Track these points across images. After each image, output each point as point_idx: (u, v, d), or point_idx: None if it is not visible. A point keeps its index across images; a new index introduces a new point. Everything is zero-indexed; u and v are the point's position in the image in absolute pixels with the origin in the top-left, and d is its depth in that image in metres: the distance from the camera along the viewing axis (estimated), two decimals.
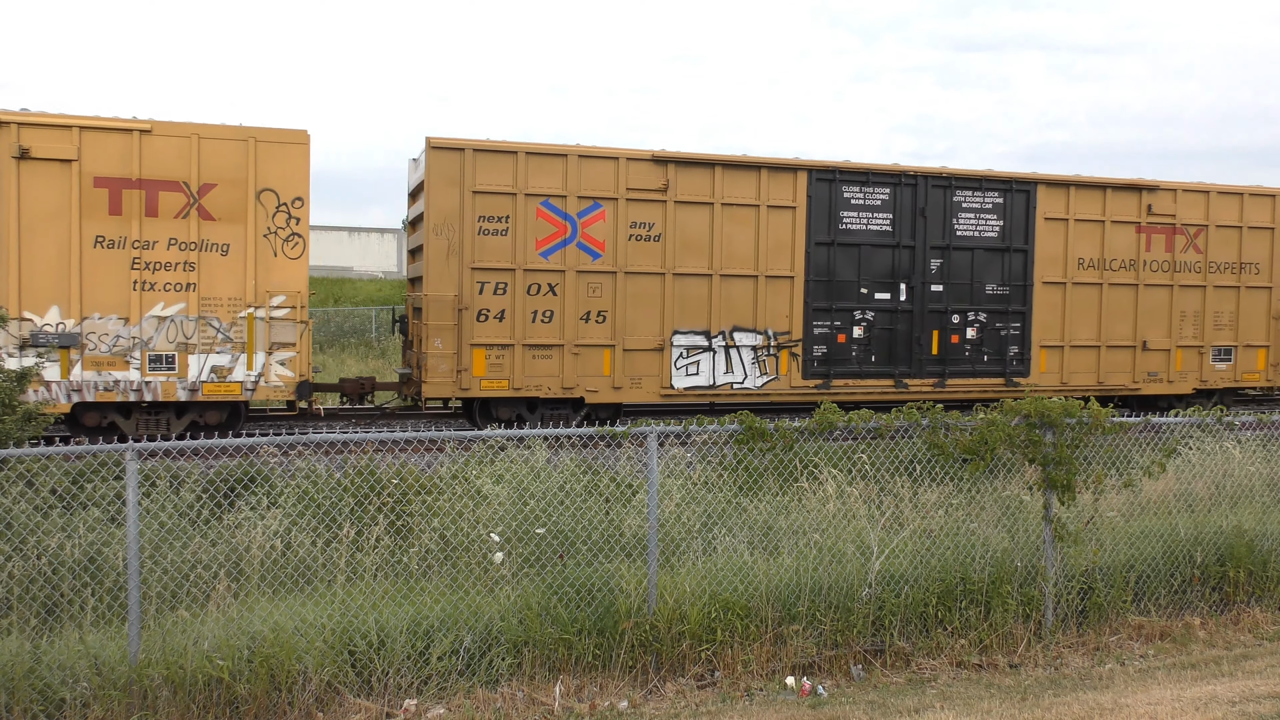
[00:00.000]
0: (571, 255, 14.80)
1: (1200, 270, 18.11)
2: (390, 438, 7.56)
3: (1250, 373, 18.36)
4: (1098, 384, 17.51)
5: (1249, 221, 18.29)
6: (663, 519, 8.20)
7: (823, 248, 16.05)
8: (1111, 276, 17.61)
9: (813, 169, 15.87)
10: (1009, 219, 16.99)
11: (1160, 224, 17.85)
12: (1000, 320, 17.06)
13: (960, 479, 8.69)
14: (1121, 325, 17.71)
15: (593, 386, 14.90)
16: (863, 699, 6.87)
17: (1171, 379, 17.90)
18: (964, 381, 16.79)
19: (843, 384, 16.13)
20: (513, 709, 6.58)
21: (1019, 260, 17.10)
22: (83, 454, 7.82)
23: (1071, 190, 17.28)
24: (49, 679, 6.14)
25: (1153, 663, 7.75)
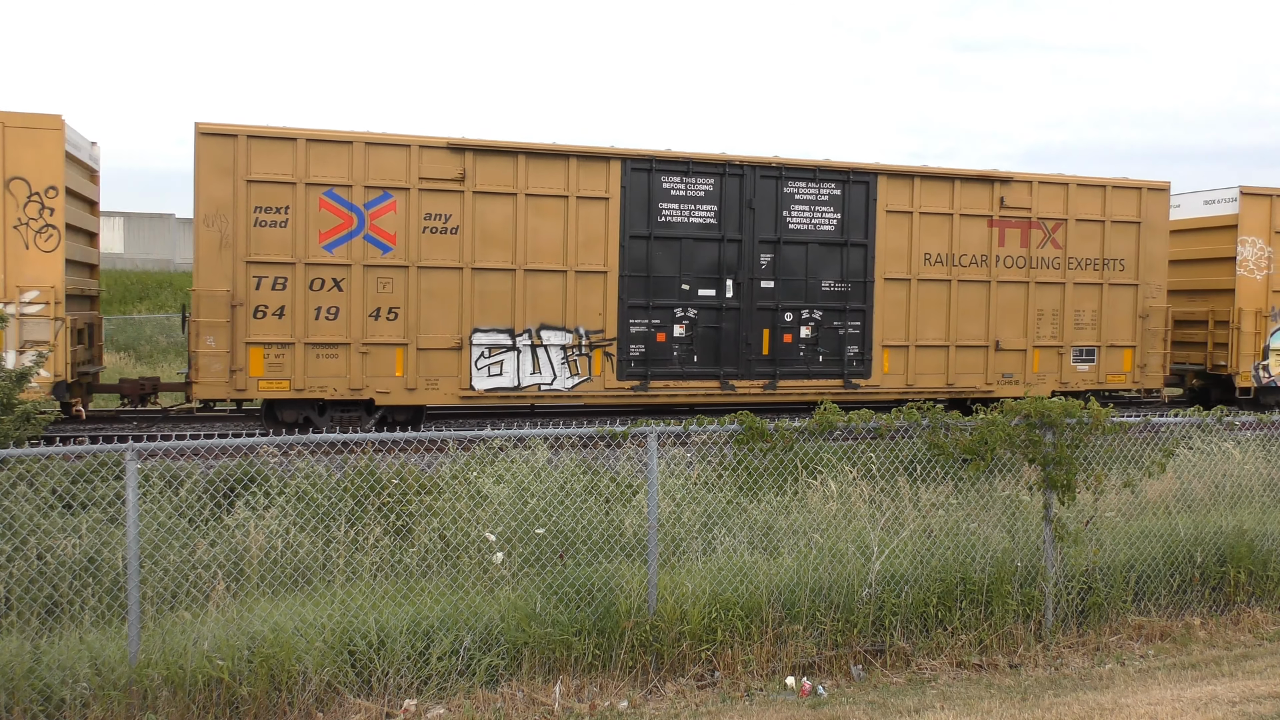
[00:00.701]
0: (359, 249, 13.85)
1: (1059, 267, 17.14)
2: (390, 438, 7.56)
3: (1115, 374, 17.52)
4: (947, 386, 16.57)
5: (1113, 215, 17.40)
6: (663, 519, 8.20)
7: (640, 241, 15.00)
8: (961, 273, 16.61)
9: (627, 158, 14.88)
10: (847, 211, 15.98)
11: (1015, 218, 16.88)
12: (838, 319, 16.06)
13: (960, 479, 8.68)
14: (973, 324, 16.75)
15: (384, 388, 13.97)
16: (863, 699, 6.87)
17: (1028, 381, 17.02)
18: (798, 383, 15.79)
19: (662, 385, 15.09)
20: (513, 709, 6.58)
21: (859, 255, 16.09)
22: (83, 454, 7.82)
23: (916, 182, 16.28)
24: (49, 679, 6.14)
25: (1153, 663, 7.75)
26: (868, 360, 16.18)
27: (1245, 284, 18.37)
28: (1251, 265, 18.34)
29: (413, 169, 14.04)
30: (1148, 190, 17.61)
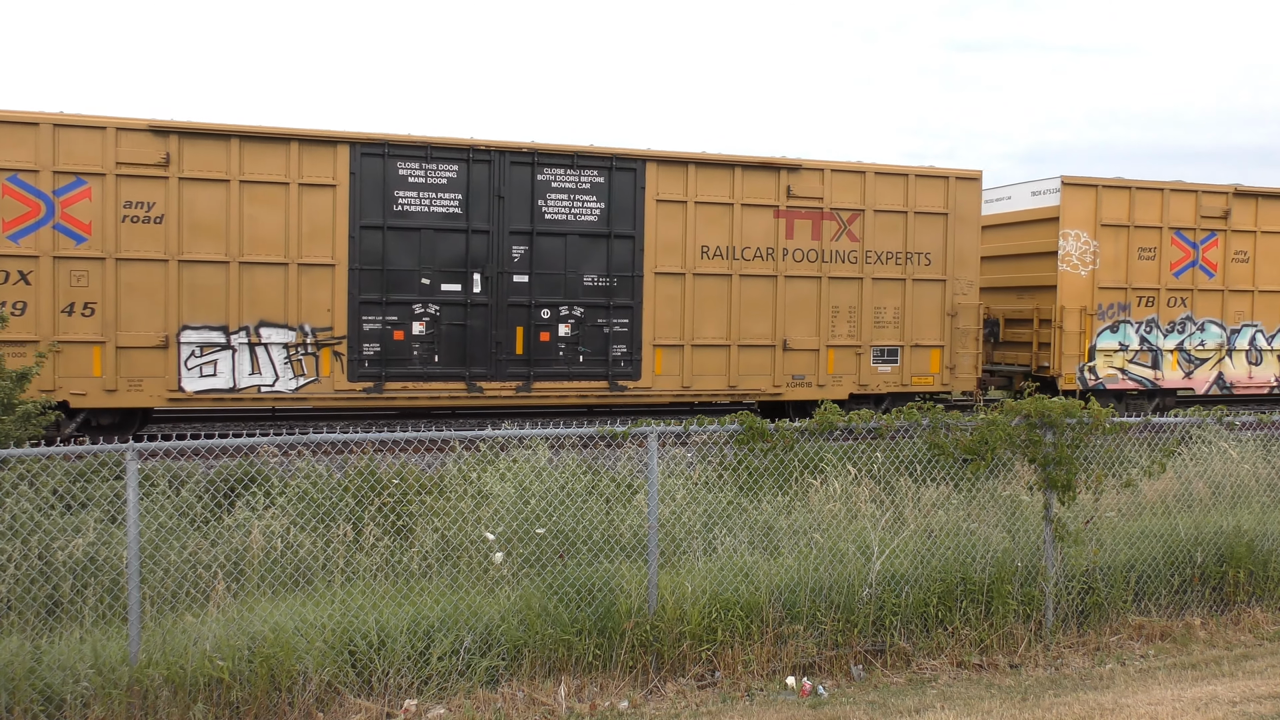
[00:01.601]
0: (47, 239, 12.78)
1: (857, 260, 15.94)
2: (391, 438, 7.56)
3: (921, 376, 16.40)
4: (729, 389, 15.43)
5: (918, 206, 16.23)
6: (663, 519, 8.20)
7: (374, 232, 13.95)
8: (745, 267, 15.41)
9: (356, 141, 13.83)
10: (612, 201, 14.78)
11: (805, 208, 15.65)
12: (603, 316, 14.83)
13: (960, 479, 8.69)
14: (759, 323, 15.53)
15: (79, 389, 12.86)
16: (863, 699, 6.87)
17: (822, 383, 15.80)
18: (556, 385, 14.68)
19: (399, 387, 14.03)
20: (513, 709, 6.58)
21: (625, 248, 14.88)
22: (83, 454, 7.82)
23: (691, 169, 15.07)
24: (50, 679, 6.14)
25: (1153, 663, 7.75)
26: (637, 361, 15.01)
27: (1068, 280, 17.30)
28: (1075, 260, 17.29)
29: (109, 153, 12.99)
30: (956, 179, 16.50)
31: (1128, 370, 17.53)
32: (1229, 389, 18.08)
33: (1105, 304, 17.49)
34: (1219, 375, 18.03)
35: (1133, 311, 17.56)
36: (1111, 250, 17.41)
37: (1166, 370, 17.77)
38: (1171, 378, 17.85)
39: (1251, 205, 18.12)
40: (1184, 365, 17.88)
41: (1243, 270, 18.15)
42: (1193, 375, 17.92)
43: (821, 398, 15.35)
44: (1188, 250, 17.80)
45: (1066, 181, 17.27)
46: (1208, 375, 18.02)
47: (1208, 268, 17.96)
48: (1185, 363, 17.87)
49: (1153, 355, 17.68)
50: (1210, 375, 18.02)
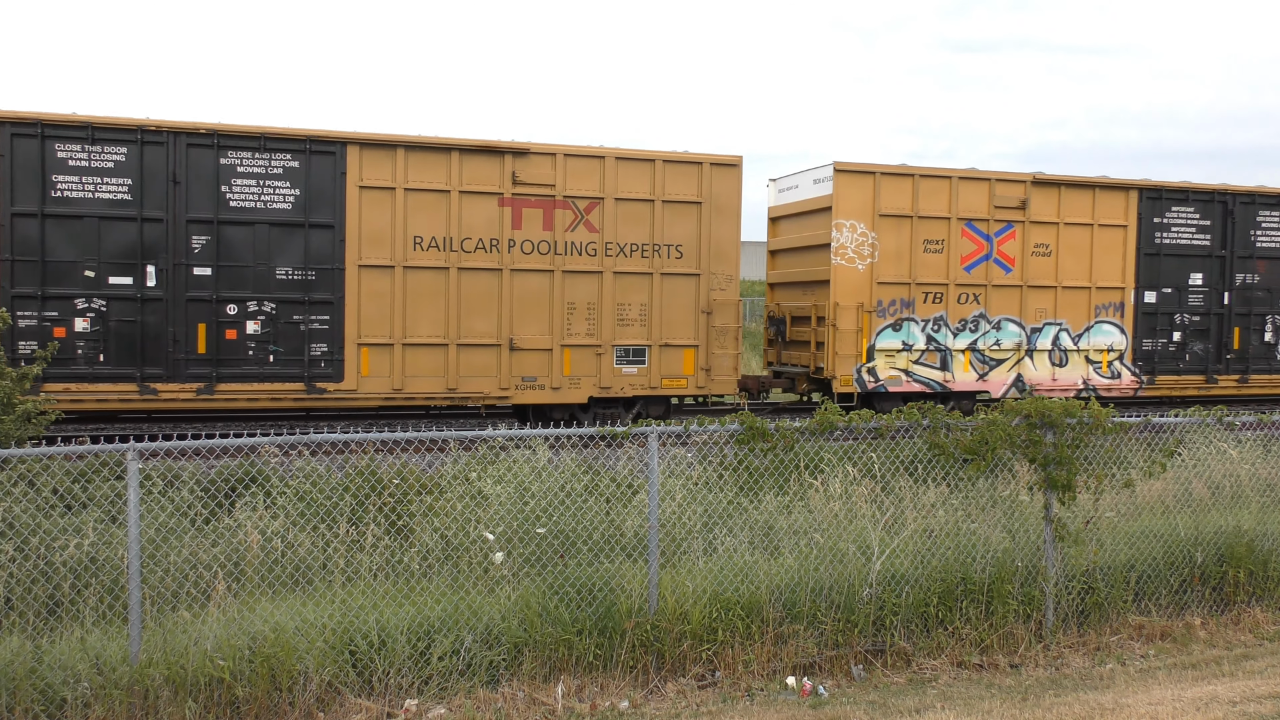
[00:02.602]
0: None
1: (596, 253, 14.72)
2: (391, 438, 7.56)
3: (674, 378, 15.10)
4: (448, 391, 14.28)
5: (667, 194, 15.05)
6: (663, 519, 8.20)
7: (29, 220, 12.75)
8: (465, 259, 14.33)
9: (6, 121, 12.67)
10: (309, 187, 13.69)
11: (534, 195, 14.49)
12: (299, 312, 13.70)
13: (960, 479, 8.69)
14: (482, 320, 14.43)
15: None
16: (863, 699, 6.88)
17: (557, 385, 14.64)
18: (245, 387, 13.57)
19: (60, 389, 12.73)
20: (513, 709, 6.58)
21: (325, 238, 13.77)
22: (84, 454, 7.82)
23: (401, 153, 13.98)
24: (50, 679, 6.14)
25: (1153, 663, 7.75)
26: (339, 361, 13.90)
27: (843, 274, 16.03)
28: (851, 253, 16.02)
29: None
30: (712, 166, 15.23)
31: (913, 372, 16.40)
32: (1029, 391, 16.82)
33: (886, 300, 16.30)
34: (1018, 377, 17.01)
35: (918, 308, 16.43)
36: (893, 242, 16.28)
37: (957, 372, 16.62)
38: (963, 380, 16.71)
39: (1054, 195, 17.15)
40: (977, 366, 16.74)
41: (1044, 265, 17.15)
42: (987, 377, 16.82)
43: (556, 401, 14.62)
44: (981, 243, 16.77)
45: (839, 168, 16.08)
46: (1005, 377, 16.96)
47: (1004, 262, 16.94)
48: (979, 364, 16.75)
49: (941, 356, 16.58)
50: (1007, 377, 16.98)
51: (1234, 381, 18.40)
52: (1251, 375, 18.48)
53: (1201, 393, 18.15)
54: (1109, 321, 17.70)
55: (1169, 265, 18.04)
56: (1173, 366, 18.14)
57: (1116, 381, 17.66)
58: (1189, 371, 18.20)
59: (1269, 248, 18.65)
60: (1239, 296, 18.43)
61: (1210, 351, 18.34)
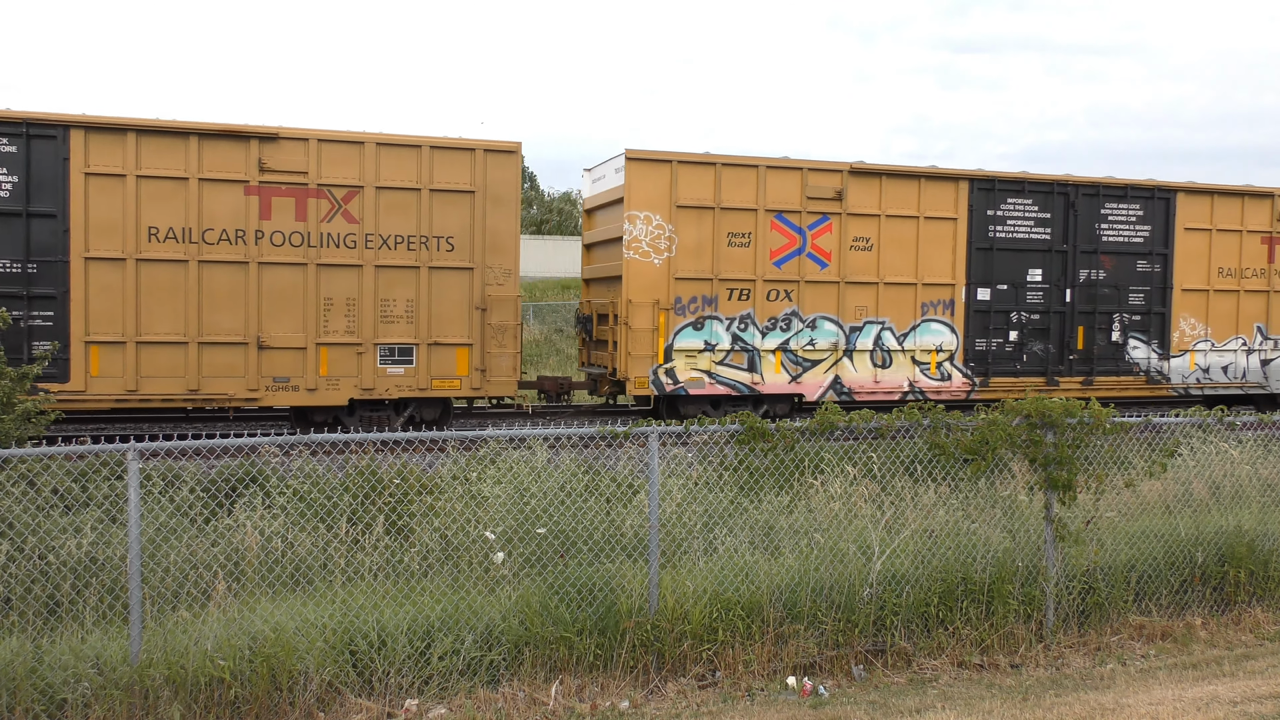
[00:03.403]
0: None
1: (356, 245, 13.82)
2: (391, 438, 7.56)
3: (445, 379, 14.15)
4: (190, 392, 13.39)
5: (436, 183, 14.10)
6: (664, 519, 8.20)
7: None
8: (208, 252, 13.38)
9: None
10: (30, 174, 12.78)
11: (286, 184, 13.58)
12: (19, 308, 12.66)
13: (960, 479, 8.69)
14: (227, 316, 13.46)
15: None
16: (864, 699, 6.87)
17: (313, 386, 13.71)
18: None
19: None
20: (514, 709, 6.58)
21: (47, 228, 12.86)
22: (84, 454, 7.82)
23: (133, 137, 13.04)
24: (50, 679, 6.14)
25: (1154, 663, 7.75)
26: (64, 360, 12.96)
27: (637, 269, 14.97)
28: (646, 246, 14.94)
29: None
30: (486, 153, 14.27)
31: (717, 373, 15.34)
32: (848, 394, 16.03)
33: (686, 297, 15.20)
34: (835, 379, 15.99)
35: (722, 306, 15.38)
36: (694, 235, 15.23)
37: (767, 373, 15.58)
38: (774, 382, 15.68)
39: (874, 185, 16.10)
40: (790, 368, 15.68)
41: (865, 259, 16.09)
42: (801, 379, 15.78)
43: (312, 403, 13.82)
44: (793, 236, 15.69)
45: (631, 156, 14.97)
46: (821, 379, 15.91)
47: (819, 256, 15.88)
48: (791, 365, 15.70)
49: (749, 356, 15.53)
50: (824, 379, 15.93)
51: (1077, 384, 17.41)
52: (1097, 377, 17.57)
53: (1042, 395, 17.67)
54: (938, 320, 16.66)
55: (1005, 260, 17.04)
56: (1009, 368, 17.12)
57: (946, 384, 16.66)
58: (1027, 373, 17.23)
59: (1116, 242, 17.69)
60: (1083, 294, 17.48)
61: (1051, 352, 17.33)
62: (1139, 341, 17.89)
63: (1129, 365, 17.85)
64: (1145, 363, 17.97)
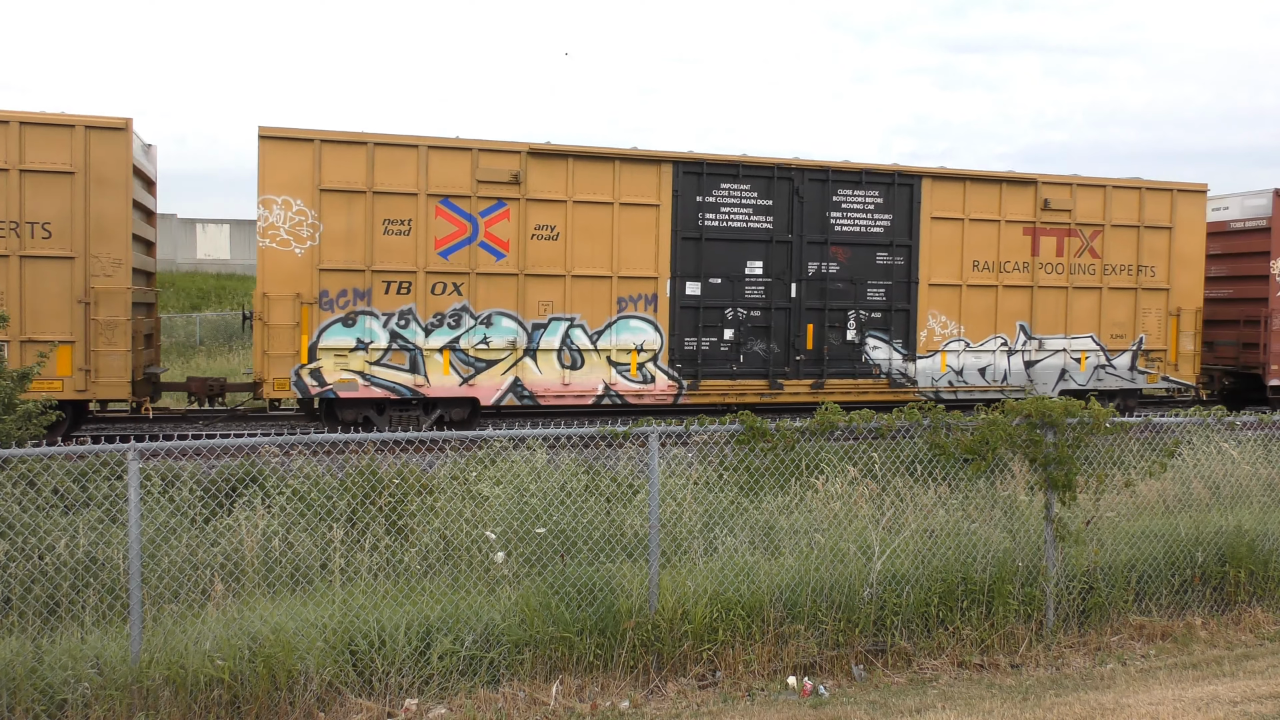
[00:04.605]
0: None
1: None
2: (391, 438, 7.56)
3: (45, 379, 12.60)
4: None
5: (29, 163, 12.70)
6: (664, 519, 8.20)
7: None
8: None
9: None
10: None
11: None
12: None
13: (960, 479, 8.69)
14: None
15: None
16: (864, 699, 6.87)
17: None
18: None
19: None
20: (514, 709, 6.58)
21: None
22: (84, 454, 7.82)
23: None
24: (50, 679, 6.14)
25: (1154, 663, 7.75)
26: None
27: (274, 260, 13.57)
28: (285, 234, 13.63)
29: None
30: (89, 130, 12.97)
31: (373, 375, 13.94)
32: (531, 398, 14.58)
33: (335, 291, 13.80)
34: (515, 381, 14.50)
35: (378, 300, 14.00)
36: (343, 222, 13.77)
37: (434, 374, 14.14)
38: (443, 384, 14.21)
39: (561, 168, 14.55)
40: (460, 369, 14.25)
41: (550, 250, 14.56)
42: (475, 381, 14.32)
43: None
44: (462, 224, 14.25)
45: (265, 133, 13.53)
46: (498, 381, 14.41)
47: (494, 246, 14.38)
48: (463, 365, 14.26)
49: (411, 356, 14.11)
50: (502, 381, 14.43)
51: (806, 387, 15.75)
52: (830, 380, 15.86)
53: (764, 400, 15.62)
54: (638, 317, 15.04)
55: (718, 251, 15.31)
56: (724, 369, 15.43)
57: (649, 387, 15.05)
58: (747, 375, 15.51)
59: (851, 232, 15.97)
60: (812, 288, 15.75)
61: (775, 352, 15.64)
62: (879, 341, 16.18)
63: (868, 367, 16.14)
64: (887, 364, 16.21)
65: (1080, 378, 17.21)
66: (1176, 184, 17.63)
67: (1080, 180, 17.08)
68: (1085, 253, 17.18)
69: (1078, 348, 17.21)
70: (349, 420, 14.18)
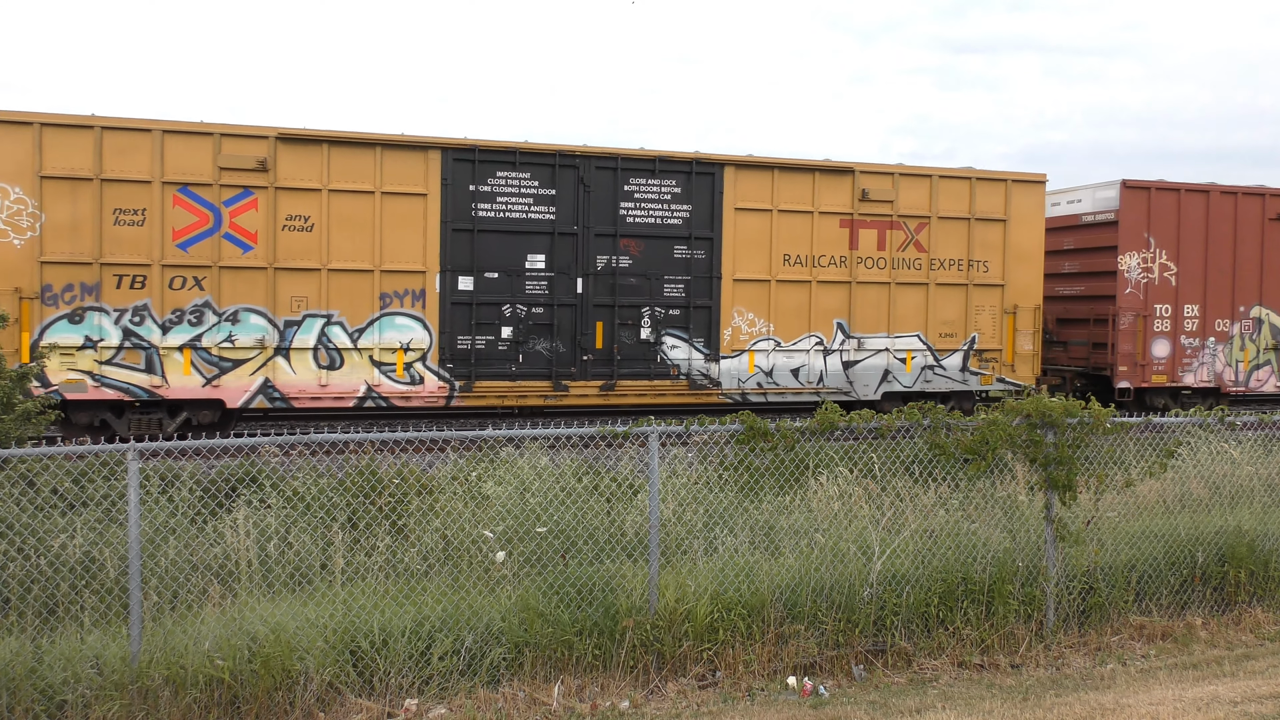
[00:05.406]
0: None
1: None
2: (391, 438, 7.56)
3: None
4: None
5: None
6: (664, 519, 8.19)
7: None
8: None
9: None
10: None
11: None
12: None
13: (959, 479, 8.68)
14: None
15: None
16: (864, 699, 6.87)
17: None
18: None
19: None
20: (514, 709, 6.58)
21: None
22: (84, 454, 7.81)
23: None
24: (50, 679, 6.14)
25: (1154, 663, 7.75)
26: None
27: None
28: (2, 224, 12.80)
29: None
30: None
31: (104, 375, 12.98)
32: (284, 400, 13.67)
33: (59, 285, 12.86)
34: (266, 382, 13.58)
35: (109, 295, 13.01)
36: (67, 212, 12.83)
37: (173, 375, 13.19)
38: (184, 385, 13.25)
39: (316, 155, 13.67)
40: (203, 369, 13.32)
41: (304, 242, 13.64)
42: (220, 382, 13.38)
43: None
44: (204, 214, 13.31)
45: None
46: (247, 382, 13.50)
47: (240, 238, 13.47)
48: (206, 365, 13.32)
49: (146, 355, 13.15)
50: (251, 382, 13.53)
51: (595, 389, 14.78)
52: (623, 381, 14.87)
53: (548, 403, 14.76)
54: (405, 314, 14.16)
55: (494, 244, 14.38)
56: (502, 369, 14.48)
57: (417, 388, 14.17)
58: (528, 375, 14.57)
59: (645, 224, 14.95)
60: (601, 284, 14.79)
61: (561, 351, 14.70)
62: (678, 340, 15.15)
63: (665, 367, 15.12)
64: (686, 364, 15.19)
65: (906, 379, 16.17)
66: (1011, 174, 16.66)
67: (903, 170, 16.08)
68: (910, 246, 16.12)
69: (902, 347, 16.16)
70: (83, 423, 13.28)
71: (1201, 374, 17.71)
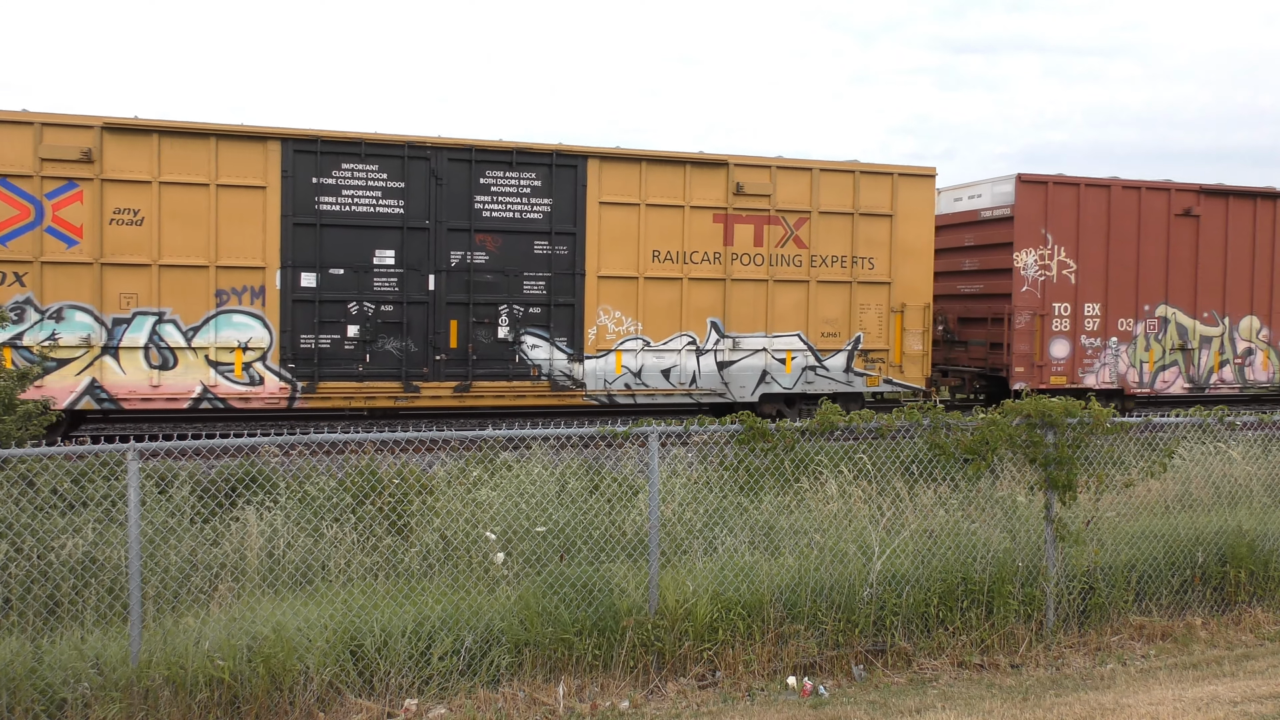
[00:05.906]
0: None
1: None
2: (391, 438, 7.56)
3: None
4: None
5: None
6: (664, 519, 8.19)
7: None
8: None
9: None
10: None
11: None
12: None
13: (958, 480, 8.68)
14: None
15: None
16: (864, 699, 6.87)
17: None
18: None
19: None
20: (514, 709, 6.58)
21: None
22: (84, 454, 7.82)
23: None
24: (50, 679, 6.14)
25: (1154, 663, 7.75)
26: None
27: None
28: None
29: None
30: None
31: None
32: (113, 401, 13.12)
33: None
34: (93, 383, 13.00)
35: None
36: None
37: None
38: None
39: (147, 145, 13.16)
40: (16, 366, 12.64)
41: (134, 236, 13.10)
42: (43, 383, 12.76)
43: None
44: (24, 207, 12.80)
45: None
46: (72, 383, 12.93)
47: (64, 232, 12.94)
48: (27, 364, 12.65)
49: None
50: (76, 383, 12.95)
51: (449, 390, 14.28)
52: (479, 382, 14.35)
53: (398, 404, 14.26)
54: (243, 311, 13.60)
55: (340, 239, 13.85)
56: (349, 370, 13.94)
57: (257, 389, 13.65)
58: (377, 376, 14.02)
59: (502, 218, 14.45)
60: (455, 280, 14.28)
61: (413, 351, 14.18)
62: (539, 339, 14.64)
63: (525, 367, 14.61)
64: (548, 365, 14.66)
65: (785, 380, 15.58)
66: (898, 167, 16.01)
67: (781, 162, 15.49)
68: (789, 242, 15.55)
69: (781, 347, 15.56)
70: None
71: (1104, 375, 17.11)
